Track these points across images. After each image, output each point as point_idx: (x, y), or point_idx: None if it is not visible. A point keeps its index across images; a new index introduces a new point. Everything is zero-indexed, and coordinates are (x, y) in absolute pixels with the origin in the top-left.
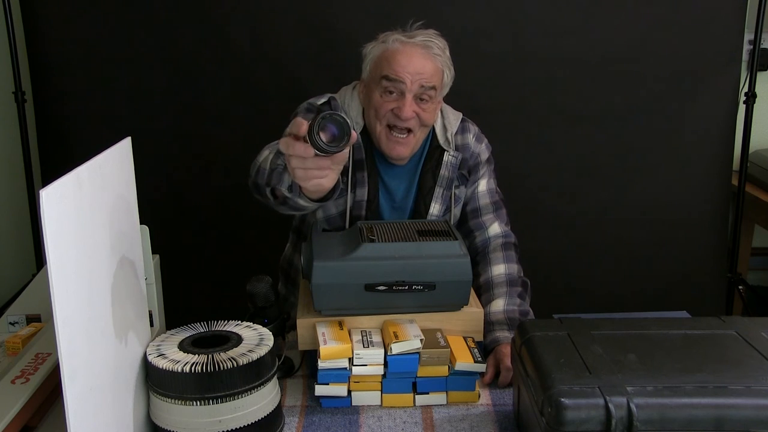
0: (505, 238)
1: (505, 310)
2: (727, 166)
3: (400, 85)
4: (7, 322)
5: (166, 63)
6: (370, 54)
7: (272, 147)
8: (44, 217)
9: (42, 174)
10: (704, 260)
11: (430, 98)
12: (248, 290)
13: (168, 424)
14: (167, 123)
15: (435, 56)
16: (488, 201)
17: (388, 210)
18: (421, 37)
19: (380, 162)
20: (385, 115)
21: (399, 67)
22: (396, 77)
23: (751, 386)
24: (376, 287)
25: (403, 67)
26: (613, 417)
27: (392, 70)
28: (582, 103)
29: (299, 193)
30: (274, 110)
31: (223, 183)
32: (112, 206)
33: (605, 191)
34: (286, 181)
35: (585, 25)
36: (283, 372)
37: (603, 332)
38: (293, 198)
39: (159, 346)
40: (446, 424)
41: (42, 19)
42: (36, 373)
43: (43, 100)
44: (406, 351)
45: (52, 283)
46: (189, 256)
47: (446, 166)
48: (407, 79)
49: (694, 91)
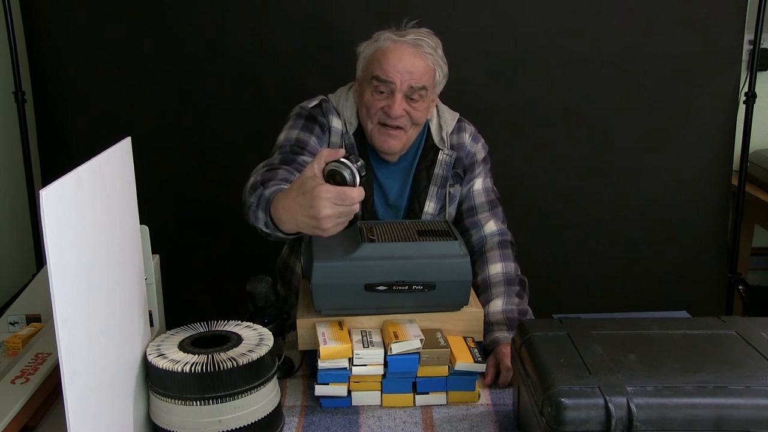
0: (501, 236)
1: (504, 310)
2: (727, 166)
3: (390, 85)
4: (7, 322)
5: (166, 63)
6: (363, 53)
7: (256, 172)
8: (44, 217)
9: (42, 174)
10: (704, 260)
11: (420, 97)
12: (248, 290)
13: (168, 424)
14: (167, 123)
15: (426, 55)
16: (484, 199)
17: (382, 208)
18: (412, 36)
19: (374, 160)
20: (376, 114)
21: (389, 66)
22: (386, 78)
23: (751, 386)
24: (376, 287)
25: (393, 66)
26: (613, 417)
27: (382, 70)
28: (582, 103)
29: (274, 227)
30: (274, 110)
31: (224, 183)
32: (112, 206)
33: (605, 191)
34: (261, 219)
35: (585, 26)
36: (283, 372)
37: (603, 332)
38: (272, 233)
39: (159, 346)
40: (446, 424)
41: (42, 19)
42: (36, 373)
43: (43, 100)
44: (406, 351)
45: (52, 283)
46: (189, 256)
47: (441, 164)
48: (397, 79)
49: (694, 91)
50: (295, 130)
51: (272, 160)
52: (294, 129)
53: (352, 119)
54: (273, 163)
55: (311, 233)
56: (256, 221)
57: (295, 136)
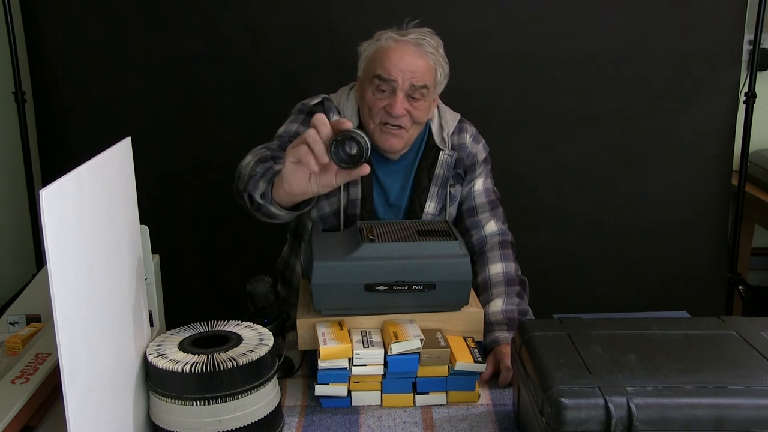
0: (501, 237)
1: (504, 310)
2: (727, 166)
3: (391, 83)
4: (7, 322)
5: (166, 63)
6: (364, 52)
7: (255, 152)
8: (44, 217)
9: (42, 174)
10: (704, 260)
11: (422, 96)
12: (248, 290)
13: (168, 424)
14: (167, 123)
15: (427, 54)
16: (485, 200)
17: (382, 208)
18: (413, 35)
19: (375, 159)
20: (378, 113)
21: (390, 65)
22: (388, 77)
23: (751, 386)
24: (376, 287)
25: (395, 65)
26: (613, 417)
27: (384, 69)
28: (582, 103)
29: (271, 200)
30: (273, 110)
31: (223, 183)
32: (112, 206)
33: (605, 191)
34: (261, 188)
35: (585, 25)
36: (283, 372)
37: (603, 332)
38: (266, 204)
39: (159, 346)
40: (446, 424)
41: (42, 19)
42: (36, 373)
43: (43, 100)
44: (406, 351)
45: (52, 283)
46: (189, 256)
47: (442, 164)
48: (398, 78)
49: (694, 91)
50: (295, 124)
51: (271, 146)
52: (294, 123)
53: (353, 118)
54: (272, 148)
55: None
56: (254, 190)
57: (295, 130)
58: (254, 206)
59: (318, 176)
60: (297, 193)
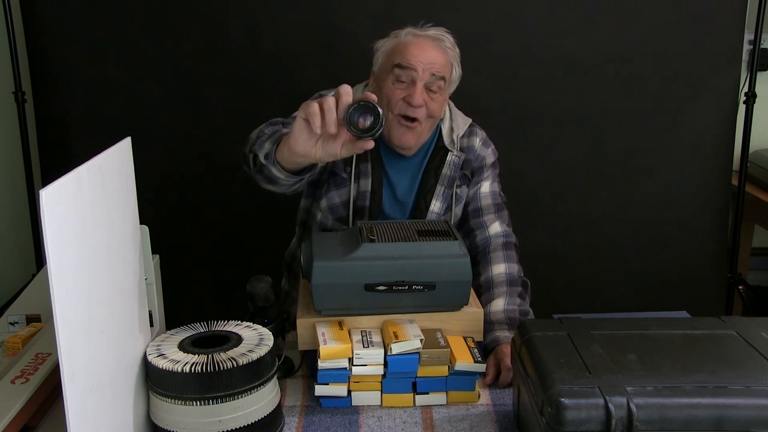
0: (505, 238)
1: (505, 309)
2: (727, 166)
3: (411, 73)
4: (7, 322)
5: (166, 63)
6: (382, 48)
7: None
8: (44, 217)
9: (42, 174)
10: (704, 260)
11: (439, 89)
12: (248, 290)
13: (168, 424)
14: (167, 123)
15: (446, 49)
16: (490, 202)
17: (389, 203)
18: (433, 31)
19: (385, 155)
20: (397, 104)
21: (411, 56)
22: (408, 65)
23: (751, 386)
24: (376, 287)
25: (415, 56)
26: (613, 417)
27: (404, 59)
28: (582, 104)
29: (273, 161)
30: (274, 110)
31: (223, 183)
32: (112, 206)
33: (605, 191)
34: (266, 149)
35: (585, 26)
36: (283, 372)
37: (603, 332)
38: (268, 165)
39: (159, 346)
40: (446, 424)
41: (42, 19)
42: (36, 373)
43: (43, 100)
44: (406, 351)
45: (52, 283)
46: (189, 256)
47: (449, 165)
48: (419, 67)
49: (694, 91)
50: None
51: (279, 120)
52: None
53: None
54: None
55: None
56: (260, 149)
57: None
58: (257, 167)
59: (324, 142)
60: (300, 152)
